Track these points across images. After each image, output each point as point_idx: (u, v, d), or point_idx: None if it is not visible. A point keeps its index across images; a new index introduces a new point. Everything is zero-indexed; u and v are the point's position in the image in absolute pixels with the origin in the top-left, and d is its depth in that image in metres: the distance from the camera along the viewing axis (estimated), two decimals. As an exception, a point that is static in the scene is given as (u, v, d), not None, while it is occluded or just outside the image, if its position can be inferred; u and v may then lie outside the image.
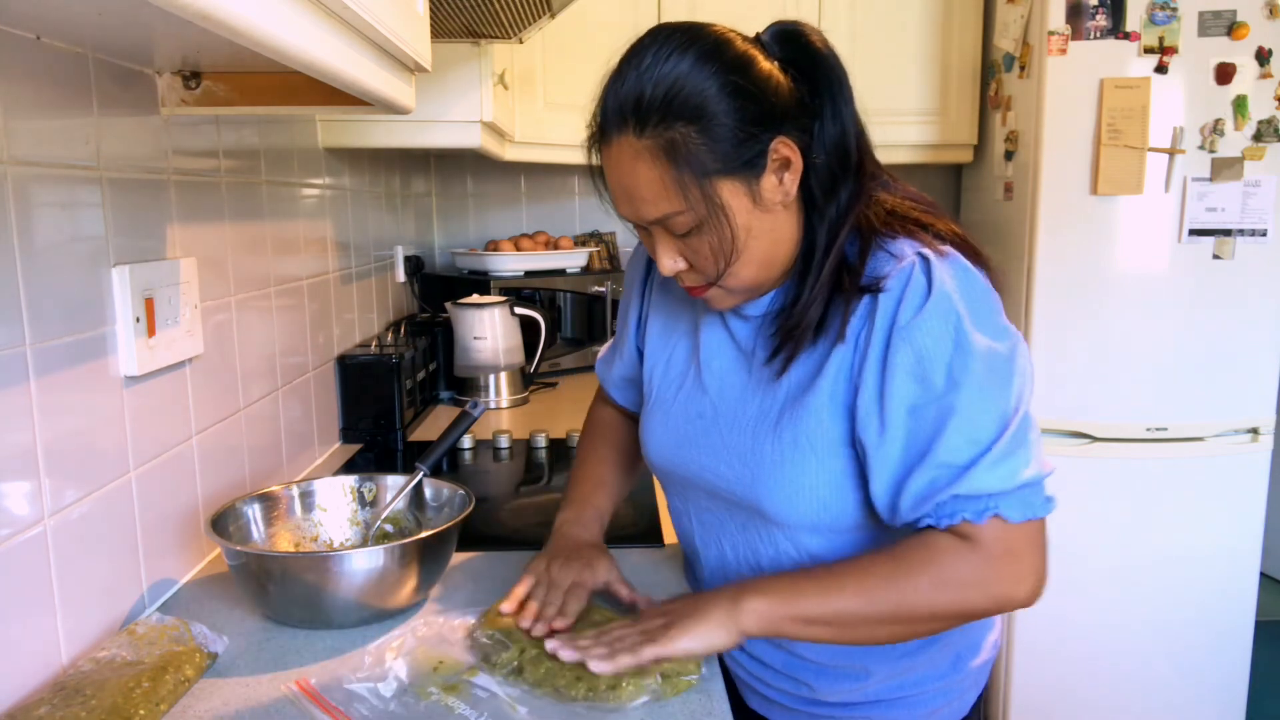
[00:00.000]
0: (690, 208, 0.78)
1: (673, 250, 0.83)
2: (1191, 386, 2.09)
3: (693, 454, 0.93)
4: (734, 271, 0.82)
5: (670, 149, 0.76)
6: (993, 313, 0.80)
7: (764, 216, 0.81)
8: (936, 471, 0.77)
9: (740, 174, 0.78)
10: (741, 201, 0.79)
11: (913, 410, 0.78)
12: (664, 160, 0.77)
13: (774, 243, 0.82)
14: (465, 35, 1.53)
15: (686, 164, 0.76)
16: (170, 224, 1.06)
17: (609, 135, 0.80)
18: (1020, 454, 0.77)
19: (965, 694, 0.97)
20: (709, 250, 0.81)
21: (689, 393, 0.95)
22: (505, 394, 2.10)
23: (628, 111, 0.77)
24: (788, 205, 0.82)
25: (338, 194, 1.73)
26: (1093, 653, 2.19)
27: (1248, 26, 1.97)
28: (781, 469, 0.85)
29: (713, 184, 0.78)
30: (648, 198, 0.79)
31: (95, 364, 0.91)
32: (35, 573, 0.81)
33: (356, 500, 1.13)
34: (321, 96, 1.04)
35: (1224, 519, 2.13)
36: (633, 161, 0.78)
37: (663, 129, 0.76)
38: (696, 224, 0.79)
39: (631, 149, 0.78)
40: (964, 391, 0.76)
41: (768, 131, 0.78)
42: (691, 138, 0.76)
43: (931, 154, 2.44)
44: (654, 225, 0.82)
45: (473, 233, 2.76)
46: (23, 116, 0.80)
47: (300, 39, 0.64)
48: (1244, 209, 2.03)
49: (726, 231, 0.79)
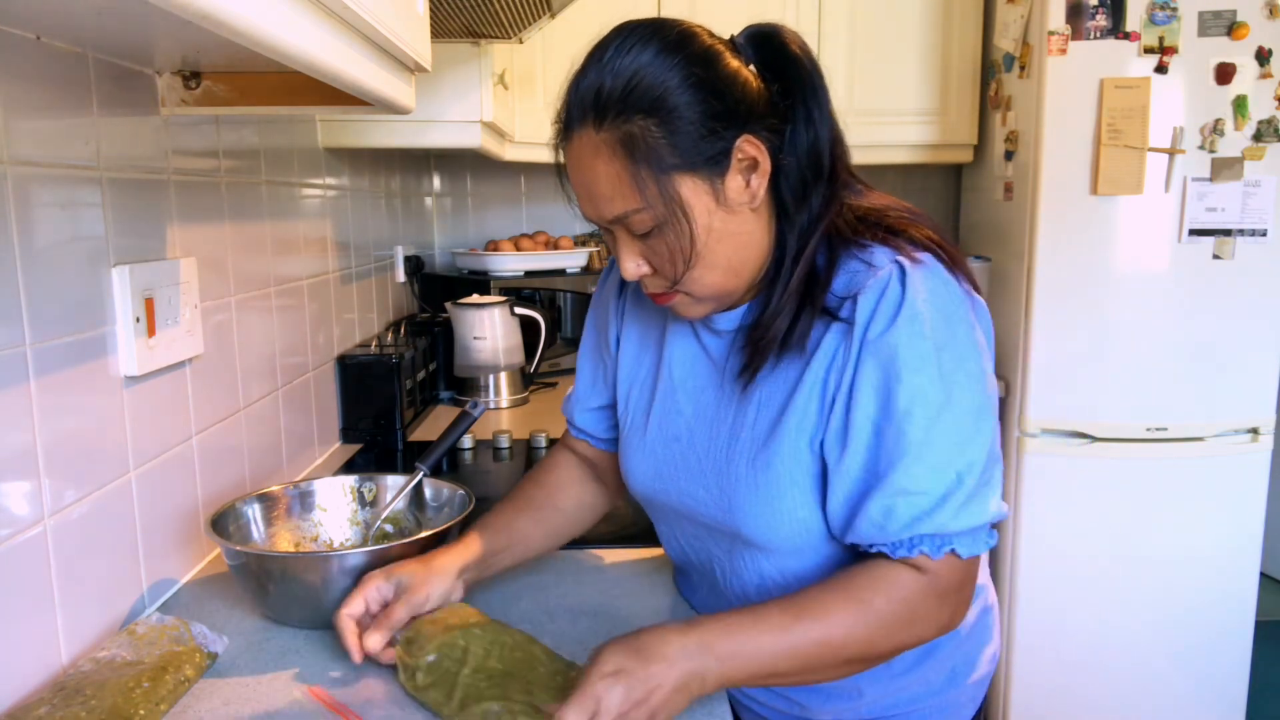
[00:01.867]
0: (649, 205, 0.76)
1: (635, 252, 0.81)
2: (1191, 386, 2.09)
3: (672, 479, 0.91)
4: (698, 276, 0.79)
5: (628, 142, 0.74)
6: (967, 337, 0.77)
7: (729, 218, 0.78)
8: (895, 499, 0.75)
9: (702, 171, 0.76)
10: (703, 201, 0.76)
11: (876, 429, 0.76)
12: (622, 154, 0.75)
13: (740, 247, 0.80)
14: (465, 35, 1.53)
15: (644, 159, 0.74)
16: (170, 224, 1.06)
17: (570, 130, 0.78)
18: (986, 493, 0.76)
19: (961, 710, 0.95)
20: (669, 251, 0.78)
21: (664, 414, 0.92)
22: (505, 394, 2.10)
23: (587, 105, 0.75)
24: (756, 209, 0.79)
25: (338, 194, 1.73)
26: (1092, 652, 2.19)
27: (1248, 26, 1.97)
28: (757, 493, 0.82)
29: (672, 180, 0.75)
30: (606, 194, 0.77)
31: (95, 364, 0.91)
32: (35, 573, 0.81)
33: (356, 500, 1.13)
34: (321, 96, 1.04)
35: (1224, 519, 2.13)
36: (592, 157, 0.76)
37: (621, 122, 0.74)
38: (656, 223, 0.77)
39: (591, 144, 0.76)
40: (926, 418, 0.75)
41: (732, 129, 0.75)
42: (650, 131, 0.74)
43: (931, 154, 2.44)
44: (615, 224, 0.80)
45: (473, 233, 2.76)
46: (23, 116, 0.80)
47: (300, 39, 0.64)
48: (1244, 209, 2.03)
49: (686, 231, 0.76)
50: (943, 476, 0.75)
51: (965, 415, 0.76)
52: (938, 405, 0.75)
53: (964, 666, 0.94)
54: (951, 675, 0.93)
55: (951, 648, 0.92)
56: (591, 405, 1.05)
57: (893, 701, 0.91)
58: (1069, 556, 2.16)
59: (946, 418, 0.75)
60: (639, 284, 0.85)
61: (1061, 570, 2.17)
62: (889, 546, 0.77)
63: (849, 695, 0.91)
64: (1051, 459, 2.14)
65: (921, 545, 0.76)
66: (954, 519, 0.75)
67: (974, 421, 0.76)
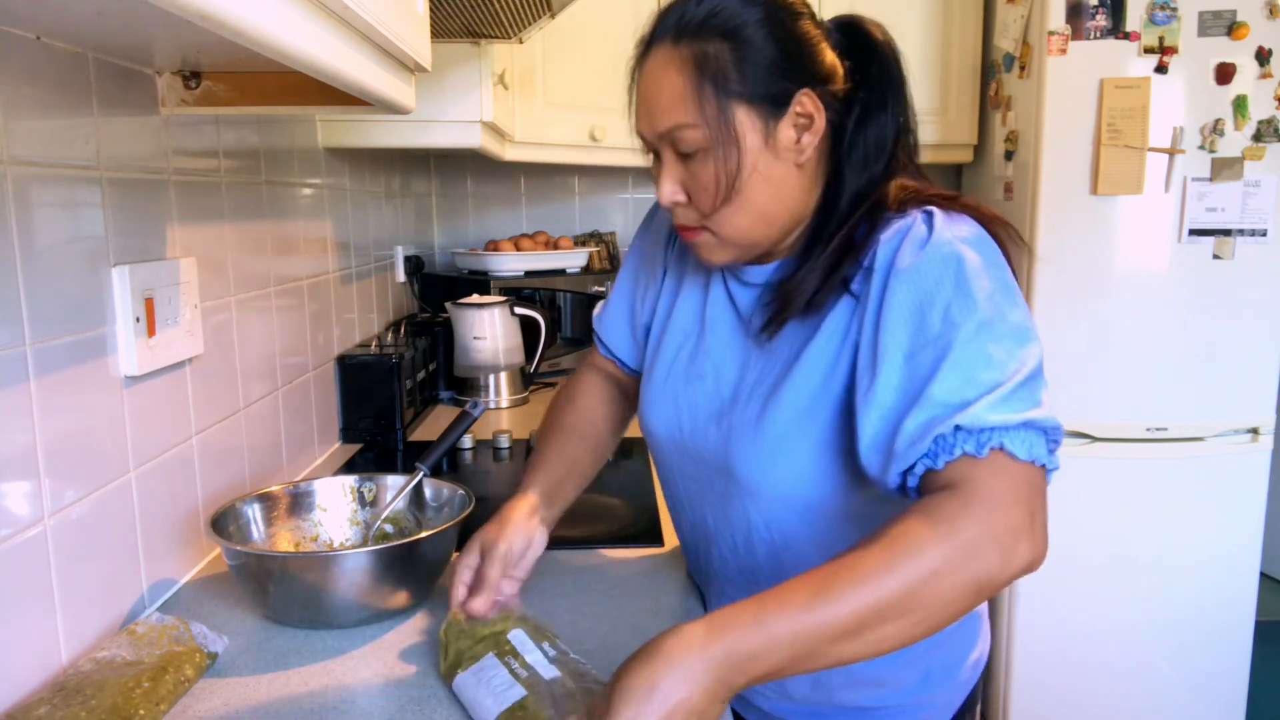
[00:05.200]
0: (703, 123, 0.78)
1: (675, 177, 0.83)
2: (1191, 386, 2.09)
3: (690, 417, 0.92)
4: (728, 215, 0.81)
5: (700, 60, 0.78)
6: (998, 261, 0.76)
7: (773, 164, 0.80)
8: (934, 410, 0.70)
9: (760, 106, 0.79)
10: (754, 137, 0.79)
11: (909, 357, 0.73)
12: (691, 69, 0.78)
13: (776, 197, 0.82)
14: (465, 35, 1.53)
15: (711, 77, 0.78)
16: (170, 224, 1.06)
17: (650, 46, 0.82)
18: (1027, 396, 0.70)
19: (936, 714, 0.93)
20: (710, 179, 0.80)
21: (692, 355, 0.94)
22: (505, 394, 2.10)
23: (671, 22, 0.80)
24: (801, 166, 0.81)
25: (338, 194, 1.73)
26: (1092, 652, 2.19)
27: (1248, 26, 1.97)
28: (760, 431, 0.83)
29: (731, 105, 0.78)
30: (664, 105, 0.80)
31: (95, 364, 0.91)
32: (35, 573, 0.81)
33: (356, 500, 1.13)
34: (321, 96, 1.04)
35: (1224, 519, 2.13)
36: (663, 68, 0.80)
37: (699, 41, 0.78)
38: (704, 144, 0.79)
39: (665, 56, 0.80)
40: (963, 331, 0.71)
41: (797, 80, 0.79)
42: (724, 54, 0.78)
43: (931, 154, 2.44)
44: (662, 140, 0.82)
45: (473, 233, 2.76)
46: (23, 116, 0.80)
47: (300, 39, 0.64)
48: (1244, 209, 2.03)
49: (734, 159, 0.79)
50: (979, 386, 0.70)
51: (1003, 333, 0.72)
52: (973, 322, 0.72)
53: (940, 669, 0.92)
54: (925, 676, 0.92)
55: (925, 648, 0.87)
56: (624, 328, 1.07)
57: (867, 697, 0.91)
58: (1069, 556, 2.16)
59: (984, 334, 0.71)
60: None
61: (1061, 570, 2.17)
62: (930, 456, 0.70)
63: (825, 681, 0.91)
64: (1051, 459, 2.14)
65: (963, 444, 0.69)
66: (990, 412, 0.68)
67: (1012, 341, 0.72)
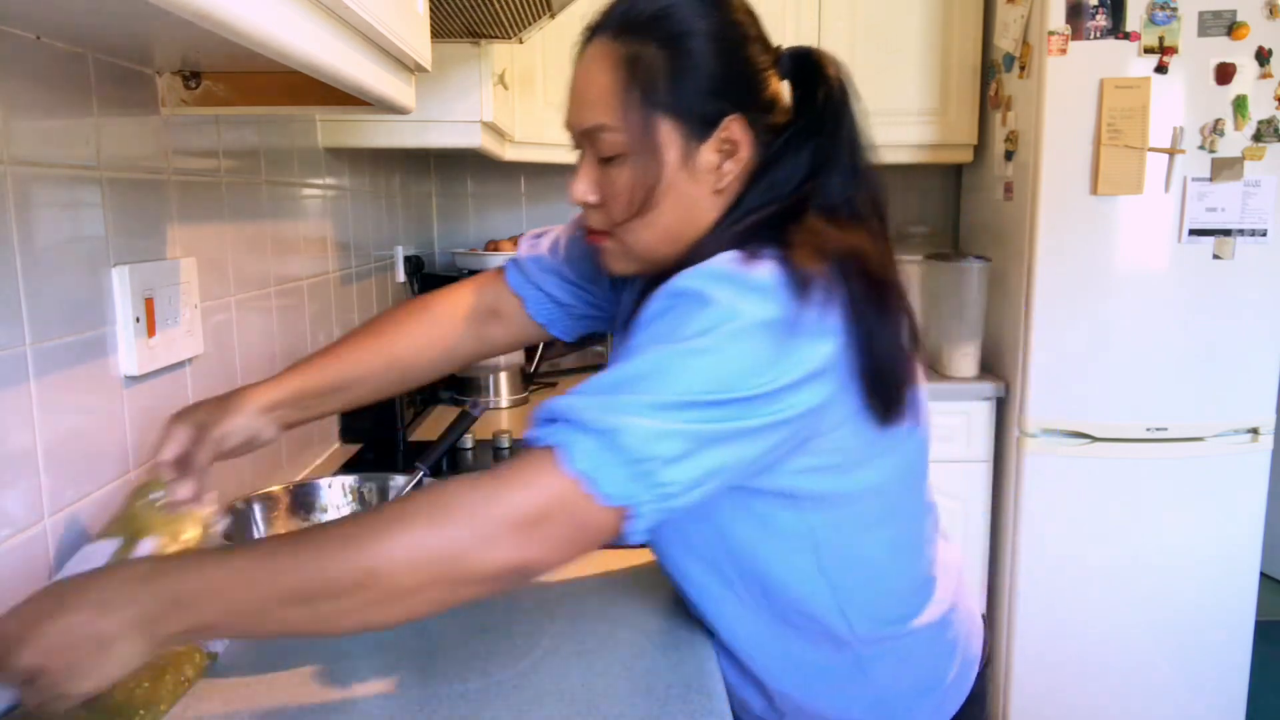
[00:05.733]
0: (624, 129, 0.75)
1: (591, 178, 0.80)
2: (1191, 386, 2.09)
3: None
4: (637, 227, 0.78)
5: (633, 61, 0.75)
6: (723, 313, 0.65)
7: (688, 184, 0.77)
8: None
9: (684, 122, 0.75)
10: (674, 152, 0.76)
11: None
12: (623, 70, 0.75)
13: (686, 218, 0.78)
14: (465, 35, 1.53)
15: (639, 83, 0.75)
16: (170, 224, 1.06)
17: (593, 35, 0.79)
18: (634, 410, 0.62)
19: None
20: (623, 187, 0.77)
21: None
22: (505, 394, 2.10)
23: (617, 14, 0.77)
24: (719, 191, 0.78)
25: (338, 194, 1.73)
26: (1092, 652, 2.19)
27: (1248, 26, 1.97)
28: None
29: (655, 116, 0.75)
30: (590, 101, 0.77)
31: (95, 364, 0.91)
32: (35, 573, 0.81)
33: (356, 500, 1.13)
34: (321, 96, 1.04)
35: (1224, 519, 2.13)
36: (596, 61, 0.77)
37: (637, 41, 0.75)
38: (622, 150, 0.76)
39: (602, 49, 0.77)
40: (644, 351, 0.66)
41: (730, 103, 0.76)
42: (659, 61, 0.74)
43: (931, 154, 2.44)
44: (585, 137, 0.79)
45: (473, 233, 2.76)
46: (23, 116, 0.80)
47: (300, 39, 0.64)
48: (1244, 209, 2.03)
49: (651, 172, 0.75)
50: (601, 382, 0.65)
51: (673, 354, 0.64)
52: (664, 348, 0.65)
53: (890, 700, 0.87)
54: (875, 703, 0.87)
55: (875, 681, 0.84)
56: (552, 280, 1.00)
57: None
58: (1069, 556, 2.16)
59: (659, 359, 0.64)
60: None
61: (1061, 570, 2.17)
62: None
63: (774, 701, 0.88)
64: (1051, 459, 2.14)
65: (538, 428, 0.66)
66: (579, 397, 0.64)
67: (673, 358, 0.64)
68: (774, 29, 0.81)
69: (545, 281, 1.02)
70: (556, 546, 0.64)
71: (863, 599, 0.83)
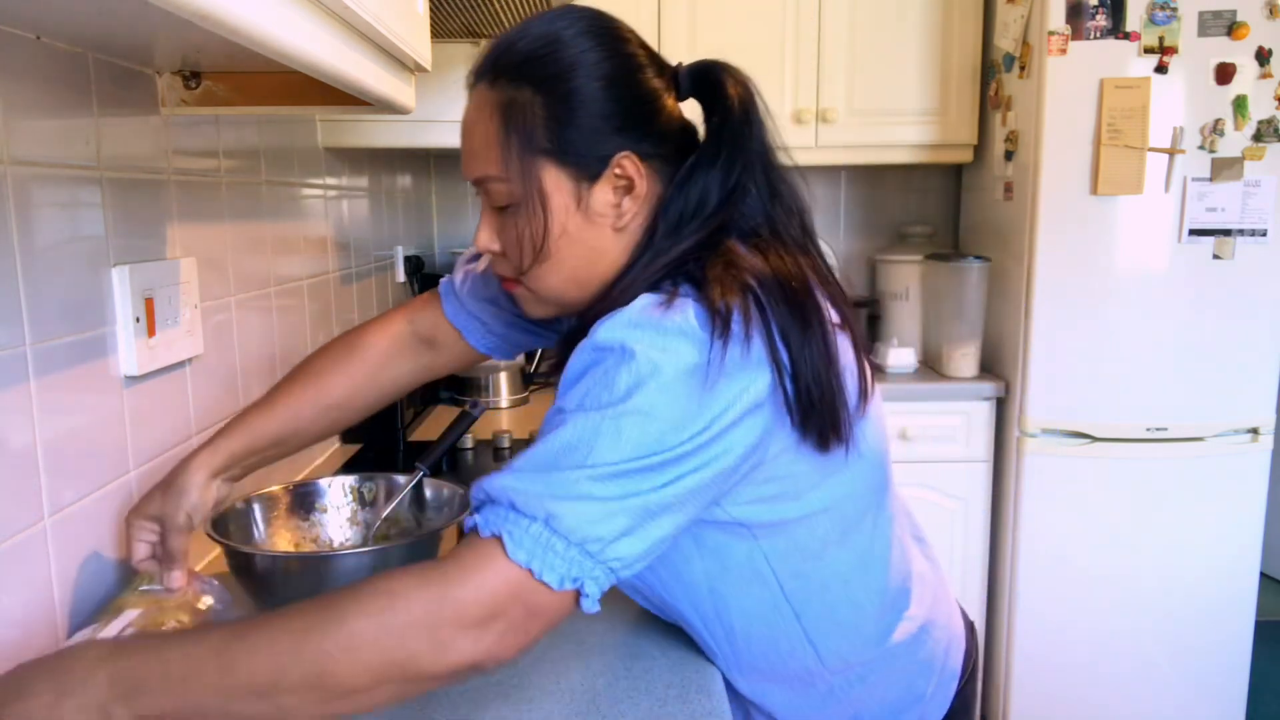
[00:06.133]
0: (507, 178, 0.73)
1: (491, 226, 0.78)
2: (1191, 386, 2.09)
3: None
4: (541, 274, 0.75)
5: (508, 108, 0.72)
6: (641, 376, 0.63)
7: (585, 226, 0.73)
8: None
9: (569, 167, 0.72)
10: (563, 198, 0.72)
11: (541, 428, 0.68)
12: (500, 118, 0.72)
13: (589, 261, 0.75)
14: (465, 35, 1.53)
15: (517, 130, 0.71)
16: (170, 224, 1.06)
17: (475, 82, 0.76)
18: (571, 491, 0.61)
19: None
20: (517, 236, 0.74)
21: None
22: (505, 394, 2.10)
23: (491, 59, 0.74)
24: (620, 229, 0.74)
25: (338, 194, 1.73)
26: (1092, 653, 2.19)
27: (1248, 26, 1.97)
28: None
29: (536, 163, 0.72)
30: (473, 151, 0.75)
31: (95, 364, 0.91)
32: (35, 573, 0.81)
33: (356, 500, 1.13)
34: (321, 96, 1.04)
35: (1224, 519, 2.13)
36: (476, 110, 0.75)
37: (512, 86, 0.72)
38: (511, 200, 0.74)
39: (480, 98, 0.75)
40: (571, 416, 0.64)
41: (620, 140, 0.72)
42: (534, 105, 0.71)
43: (931, 154, 2.44)
44: (478, 187, 0.76)
45: (472, 233, 2.76)
46: (23, 116, 0.80)
47: (300, 39, 0.64)
48: (1244, 209, 2.03)
49: (539, 220, 0.72)
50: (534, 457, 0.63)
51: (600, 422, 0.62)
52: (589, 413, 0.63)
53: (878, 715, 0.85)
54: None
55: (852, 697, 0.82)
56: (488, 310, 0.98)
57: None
58: (1069, 556, 2.16)
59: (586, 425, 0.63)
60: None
61: (1061, 570, 2.17)
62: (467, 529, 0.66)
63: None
64: (1051, 459, 2.14)
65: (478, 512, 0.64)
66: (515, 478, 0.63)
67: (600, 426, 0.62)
68: (774, 29, 0.80)
69: (482, 311, 1.00)
70: (513, 638, 0.62)
71: (830, 624, 0.80)
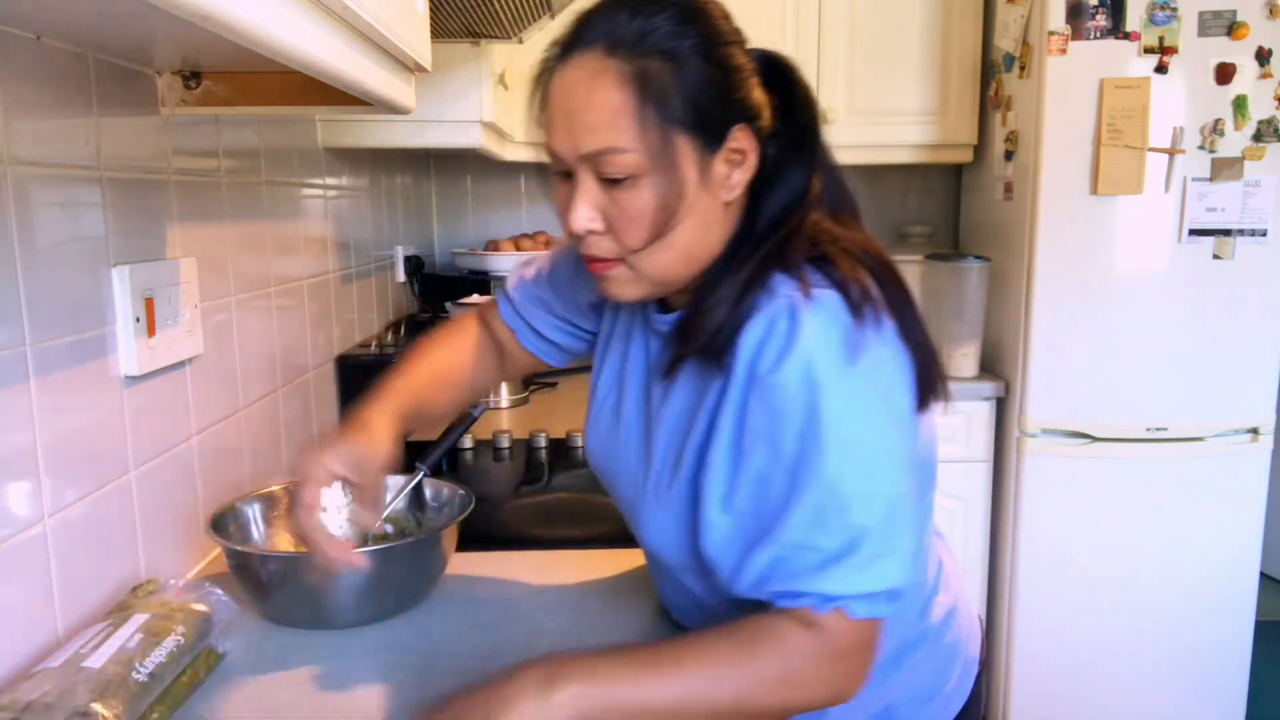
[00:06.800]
0: (642, 149, 0.70)
1: (593, 203, 0.73)
2: (1191, 386, 2.09)
3: (609, 469, 0.89)
4: (654, 250, 0.73)
5: (641, 77, 0.69)
6: (864, 384, 0.69)
7: (705, 199, 0.73)
8: (784, 551, 0.69)
9: (700, 137, 0.71)
10: (690, 170, 0.71)
11: (760, 478, 0.71)
12: (631, 87, 0.69)
13: (702, 235, 0.75)
14: (465, 35, 1.53)
15: (653, 99, 0.69)
16: (170, 224, 1.06)
17: (571, 52, 0.72)
18: (889, 562, 0.69)
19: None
20: (640, 210, 0.72)
21: (613, 405, 0.89)
22: (505, 394, 2.10)
23: (601, 31, 0.70)
24: (728, 205, 0.75)
25: (338, 194, 1.73)
26: (1092, 652, 2.19)
27: (1248, 26, 1.97)
28: (653, 504, 0.80)
29: (673, 133, 0.70)
30: (595, 123, 0.70)
31: (95, 364, 0.91)
32: (35, 573, 0.81)
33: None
34: (321, 96, 1.04)
35: (1224, 519, 2.13)
36: (592, 79, 0.70)
37: (637, 55, 0.69)
38: (637, 171, 0.70)
39: (595, 67, 0.70)
40: (814, 467, 0.68)
41: (734, 112, 0.73)
42: (667, 75, 0.69)
43: (931, 154, 2.44)
44: (586, 162, 0.72)
45: (473, 233, 2.76)
46: (23, 116, 0.80)
47: (300, 39, 0.64)
48: (1244, 209, 2.03)
49: (674, 191, 0.71)
50: (835, 534, 0.68)
51: (862, 469, 0.68)
52: (828, 456, 0.68)
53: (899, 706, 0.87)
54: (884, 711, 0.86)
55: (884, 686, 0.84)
56: (539, 312, 1.00)
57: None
58: (1069, 556, 2.16)
59: (841, 469, 0.68)
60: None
61: (1061, 570, 2.17)
62: (773, 599, 0.71)
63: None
64: (1051, 459, 2.14)
65: (804, 599, 0.70)
66: (844, 581, 0.68)
67: (874, 476, 0.69)
68: (774, 29, 0.81)
69: (533, 315, 1.01)
70: (868, 667, 0.74)
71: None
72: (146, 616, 0.81)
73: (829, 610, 0.69)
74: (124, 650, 0.75)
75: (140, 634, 0.78)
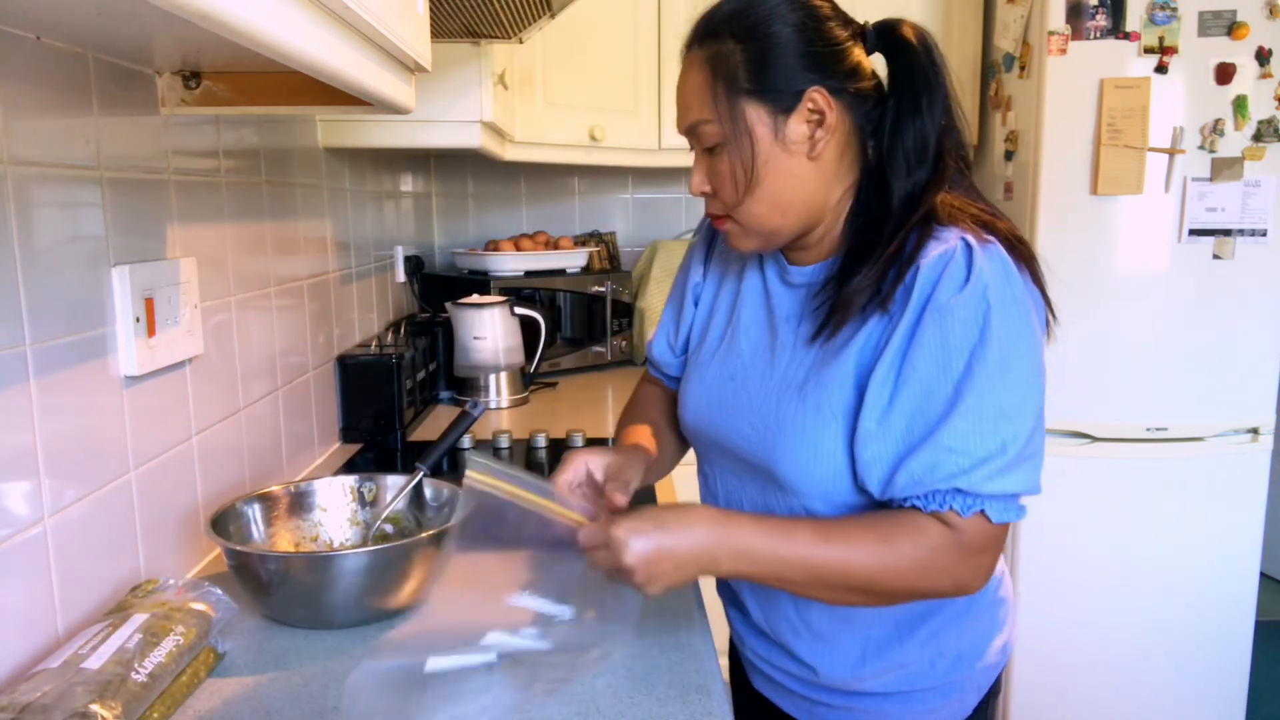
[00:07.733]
0: (716, 118, 0.84)
1: (702, 169, 0.89)
2: (1191, 386, 2.09)
3: (722, 415, 0.95)
4: (748, 204, 0.86)
5: (714, 59, 0.84)
6: (1024, 314, 0.81)
7: (785, 157, 0.84)
8: (938, 455, 0.78)
9: (767, 101, 0.83)
10: (764, 131, 0.83)
11: (927, 392, 0.79)
12: (707, 69, 0.84)
13: (789, 187, 0.85)
14: (465, 35, 1.53)
15: (722, 75, 0.83)
16: (170, 224, 1.06)
17: (686, 50, 0.88)
18: (1027, 467, 0.80)
19: (964, 694, 0.96)
20: (726, 171, 0.85)
21: (724, 355, 0.98)
22: (505, 394, 2.10)
23: (698, 28, 0.87)
24: (815, 158, 0.85)
25: (338, 194, 1.73)
26: (1092, 652, 2.19)
27: (1248, 26, 1.96)
28: (800, 433, 0.86)
29: (740, 101, 0.83)
30: (686, 103, 0.87)
31: (95, 364, 0.91)
32: (35, 573, 0.81)
33: (356, 500, 1.13)
34: (321, 96, 1.04)
35: (1224, 519, 2.13)
36: (688, 70, 0.87)
37: (715, 42, 0.84)
38: (719, 138, 0.85)
39: (691, 58, 0.87)
40: (978, 381, 0.78)
41: (810, 76, 0.82)
42: (735, 54, 0.83)
43: (931, 154, 2.44)
44: (689, 135, 0.88)
45: (473, 233, 2.76)
46: (23, 116, 0.80)
47: (300, 39, 0.64)
48: (1244, 209, 2.03)
49: (746, 151, 0.84)
50: (988, 440, 0.77)
51: (1017, 385, 0.79)
52: (992, 371, 0.78)
53: (970, 653, 0.96)
54: (956, 660, 0.95)
55: (956, 633, 0.94)
56: (669, 343, 1.11)
57: (894, 679, 0.94)
58: (1069, 556, 2.16)
59: (999, 384, 0.78)
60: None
61: (1061, 570, 2.17)
62: (922, 499, 0.80)
63: (853, 664, 0.94)
64: (1051, 459, 2.11)
65: (953, 501, 0.79)
66: (990, 481, 0.78)
67: (1025, 392, 0.79)
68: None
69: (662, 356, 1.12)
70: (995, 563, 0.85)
71: None
72: (146, 616, 0.81)
73: (971, 514, 0.79)
74: (123, 650, 0.75)
75: (140, 634, 0.78)
